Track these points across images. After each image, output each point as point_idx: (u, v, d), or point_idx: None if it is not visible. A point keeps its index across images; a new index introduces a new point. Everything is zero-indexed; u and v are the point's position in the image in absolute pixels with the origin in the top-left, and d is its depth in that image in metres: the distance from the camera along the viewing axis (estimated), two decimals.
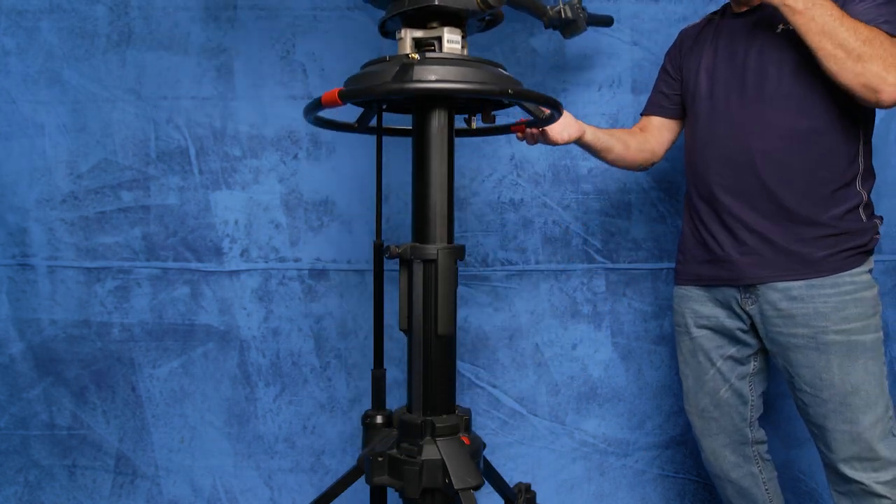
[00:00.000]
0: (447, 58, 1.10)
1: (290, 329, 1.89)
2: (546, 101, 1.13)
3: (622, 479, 1.96)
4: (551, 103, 1.14)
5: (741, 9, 1.45)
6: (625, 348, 1.94)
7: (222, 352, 1.89)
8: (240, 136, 1.86)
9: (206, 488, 1.91)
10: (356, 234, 1.89)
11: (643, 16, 1.86)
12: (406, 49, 1.15)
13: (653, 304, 1.93)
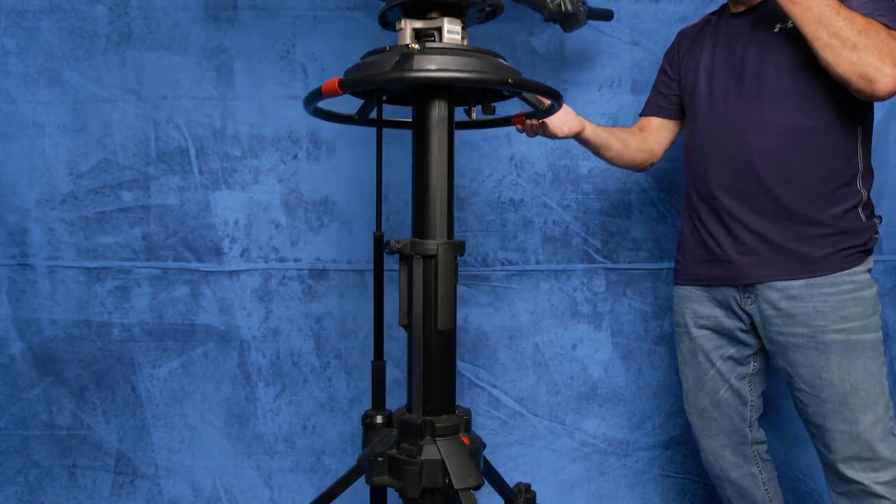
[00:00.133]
0: (447, 47, 1.09)
1: (290, 329, 1.88)
2: (546, 90, 1.11)
3: (622, 479, 1.95)
4: (551, 93, 1.12)
5: (739, 8, 1.45)
6: (625, 348, 1.93)
7: (222, 352, 1.87)
8: (240, 136, 1.84)
9: (206, 488, 1.89)
10: (356, 233, 1.87)
11: (643, 16, 1.85)
12: (406, 40, 1.13)
13: (653, 304, 1.92)
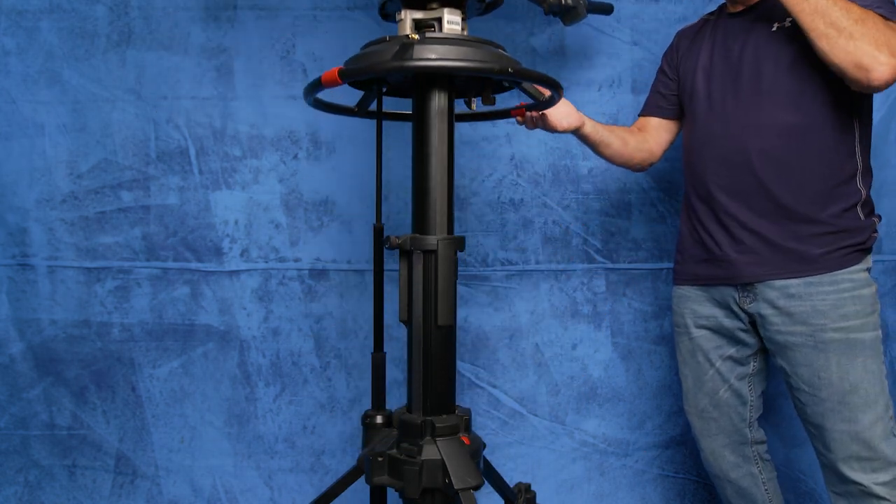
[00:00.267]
0: (447, 37, 1.07)
1: (290, 329, 1.86)
2: (546, 80, 1.10)
3: (622, 479, 1.93)
4: (551, 83, 1.11)
5: (737, 8, 1.44)
6: (625, 348, 1.91)
7: (222, 352, 1.85)
8: (240, 136, 1.82)
9: (206, 488, 1.87)
10: (356, 234, 1.85)
11: (643, 16, 1.83)
12: (406, 30, 1.11)
13: (653, 304, 1.90)
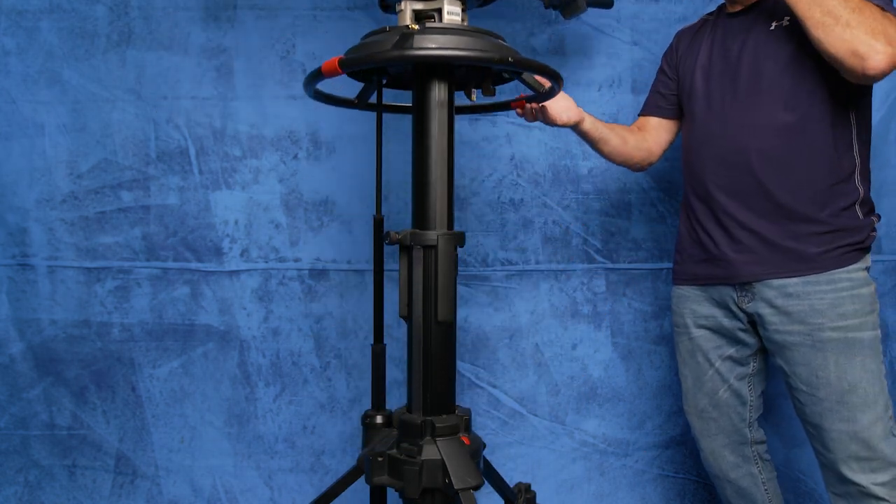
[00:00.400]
0: (448, 27, 1.05)
1: (290, 329, 1.84)
2: (546, 70, 1.08)
3: (622, 479, 1.91)
4: (551, 73, 1.09)
5: (735, 8, 1.43)
6: (625, 348, 1.89)
7: (222, 352, 1.83)
8: (240, 136, 1.80)
9: (206, 488, 1.85)
10: (356, 234, 1.83)
11: (643, 16, 1.81)
12: (406, 21, 1.10)
13: (653, 304, 1.88)
